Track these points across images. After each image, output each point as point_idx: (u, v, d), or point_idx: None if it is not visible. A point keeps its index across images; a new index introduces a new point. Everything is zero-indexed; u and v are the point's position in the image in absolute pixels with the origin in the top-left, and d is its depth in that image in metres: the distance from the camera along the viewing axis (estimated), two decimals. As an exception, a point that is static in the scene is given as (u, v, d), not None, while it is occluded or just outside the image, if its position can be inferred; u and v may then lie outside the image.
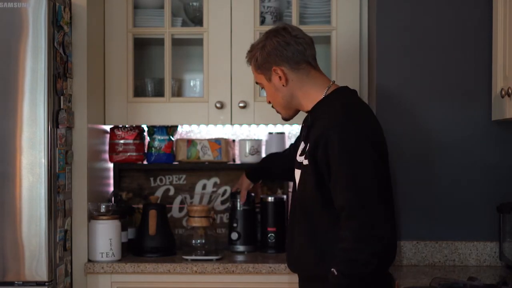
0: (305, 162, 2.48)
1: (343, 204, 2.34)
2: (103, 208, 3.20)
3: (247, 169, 3.31)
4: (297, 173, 2.56)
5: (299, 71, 2.55)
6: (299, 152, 2.58)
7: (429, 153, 3.01)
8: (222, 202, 3.62)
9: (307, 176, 2.46)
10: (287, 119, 2.67)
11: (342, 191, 2.34)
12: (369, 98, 3.28)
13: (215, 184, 3.63)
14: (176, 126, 3.60)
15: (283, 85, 2.55)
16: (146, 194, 3.60)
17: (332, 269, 2.34)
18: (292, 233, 2.58)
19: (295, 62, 2.54)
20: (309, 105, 2.56)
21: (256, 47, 2.59)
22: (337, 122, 2.40)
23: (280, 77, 2.54)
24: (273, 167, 3.20)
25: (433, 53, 3.01)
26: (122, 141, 3.49)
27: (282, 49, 2.54)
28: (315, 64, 2.59)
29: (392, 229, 2.36)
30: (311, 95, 2.55)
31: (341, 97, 2.53)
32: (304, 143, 2.54)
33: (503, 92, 2.62)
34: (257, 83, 2.68)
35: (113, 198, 3.49)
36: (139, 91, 3.52)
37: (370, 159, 2.35)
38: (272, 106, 2.67)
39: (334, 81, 2.60)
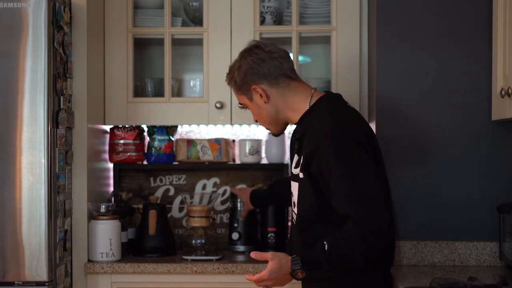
0: (301, 175, 2.46)
1: (348, 213, 2.32)
2: (103, 208, 3.21)
3: (253, 193, 3.28)
4: (294, 185, 2.54)
5: (279, 85, 2.54)
6: (293, 164, 2.56)
7: (429, 153, 3.01)
8: (222, 202, 3.62)
9: (305, 188, 2.45)
10: (277, 134, 2.67)
11: (345, 201, 2.32)
12: (369, 98, 3.28)
13: (215, 184, 3.63)
14: (176, 126, 3.60)
15: (265, 102, 2.55)
16: (146, 194, 3.60)
17: (324, 242, 2.33)
18: (295, 239, 2.57)
19: (273, 77, 2.53)
20: (297, 117, 2.55)
21: (233, 68, 2.58)
22: (327, 132, 2.38)
23: (260, 95, 2.54)
24: (282, 192, 3.06)
25: (433, 53, 3.01)
26: (122, 141, 3.49)
27: (257, 67, 2.52)
28: (295, 76, 2.58)
29: (392, 235, 2.42)
30: (296, 106, 2.54)
31: (326, 105, 2.51)
32: (298, 155, 2.52)
33: (503, 92, 2.62)
34: (240, 104, 2.66)
35: (113, 198, 3.49)
36: (139, 91, 3.52)
37: (366, 163, 2.35)
38: (260, 124, 2.66)
39: (316, 88, 2.59)
